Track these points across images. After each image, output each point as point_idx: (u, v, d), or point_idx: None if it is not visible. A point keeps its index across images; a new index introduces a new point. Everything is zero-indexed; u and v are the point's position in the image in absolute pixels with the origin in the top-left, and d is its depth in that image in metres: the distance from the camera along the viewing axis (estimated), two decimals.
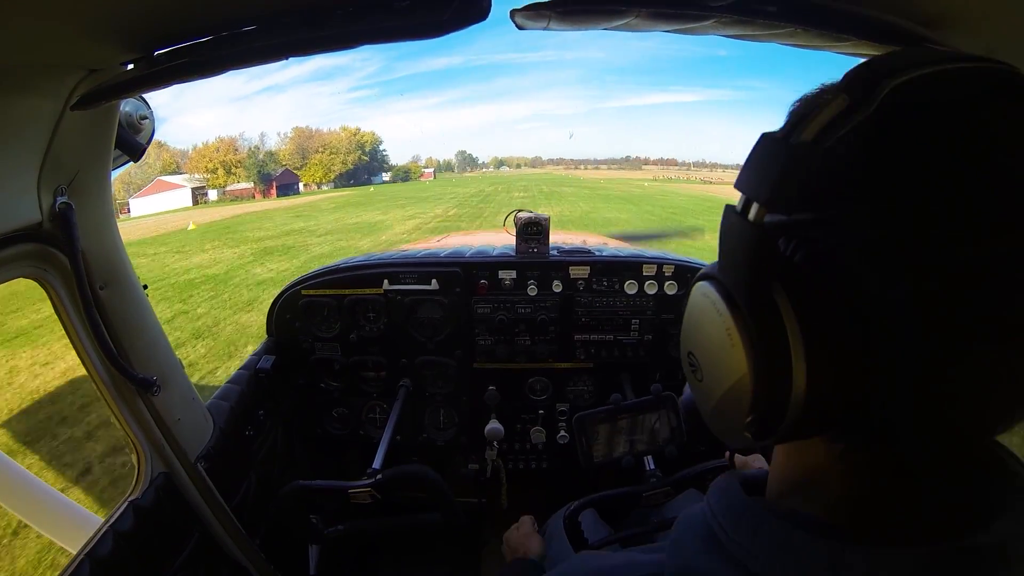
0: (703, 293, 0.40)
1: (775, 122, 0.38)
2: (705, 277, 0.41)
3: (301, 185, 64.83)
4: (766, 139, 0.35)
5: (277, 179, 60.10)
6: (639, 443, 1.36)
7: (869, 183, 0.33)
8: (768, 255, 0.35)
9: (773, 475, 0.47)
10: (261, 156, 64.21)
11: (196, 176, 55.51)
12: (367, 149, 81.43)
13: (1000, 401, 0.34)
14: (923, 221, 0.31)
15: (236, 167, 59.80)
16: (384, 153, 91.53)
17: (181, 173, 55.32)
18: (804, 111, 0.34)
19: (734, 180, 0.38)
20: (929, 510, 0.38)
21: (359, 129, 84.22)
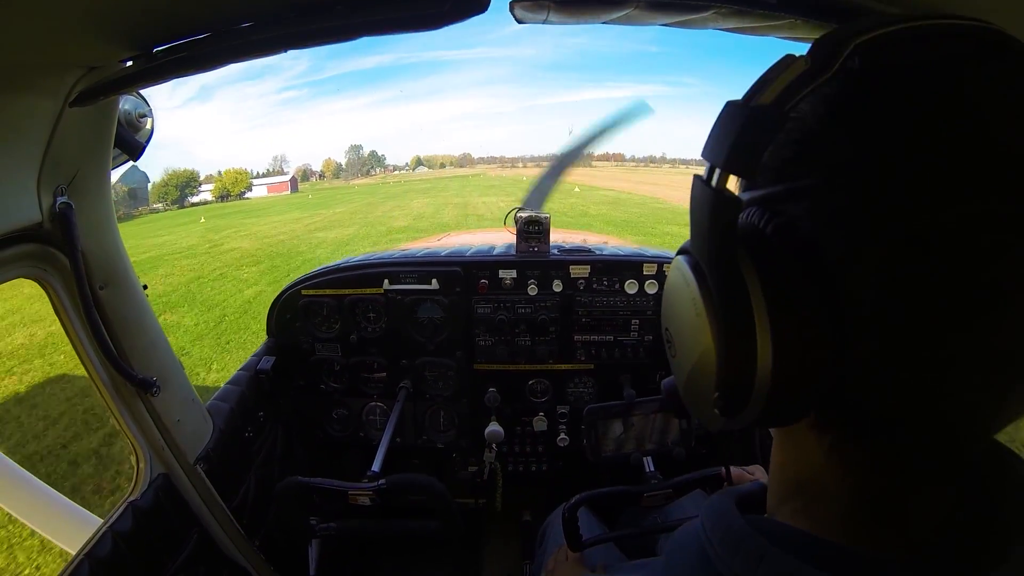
0: (676, 266, 0.40)
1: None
2: (681, 251, 0.40)
3: None
4: (728, 105, 0.34)
5: None
6: (648, 441, 1.36)
7: (833, 148, 0.32)
8: (729, 219, 0.33)
9: (772, 479, 0.45)
10: None
11: None
12: None
13: (993, 384, 0.30)
14: (888, 186, 0.29)
15: None
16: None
17: None
18: (767, 75, 0.33)
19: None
20: (924, 517, 0.35)
21: None
